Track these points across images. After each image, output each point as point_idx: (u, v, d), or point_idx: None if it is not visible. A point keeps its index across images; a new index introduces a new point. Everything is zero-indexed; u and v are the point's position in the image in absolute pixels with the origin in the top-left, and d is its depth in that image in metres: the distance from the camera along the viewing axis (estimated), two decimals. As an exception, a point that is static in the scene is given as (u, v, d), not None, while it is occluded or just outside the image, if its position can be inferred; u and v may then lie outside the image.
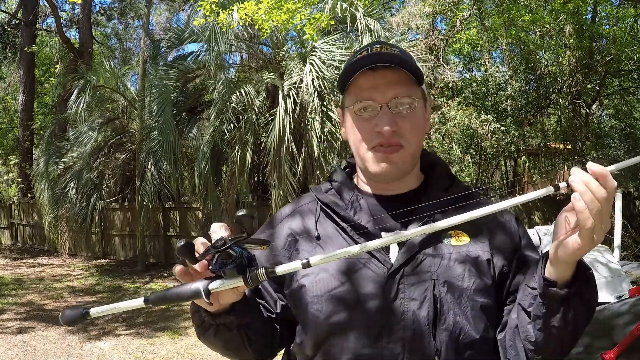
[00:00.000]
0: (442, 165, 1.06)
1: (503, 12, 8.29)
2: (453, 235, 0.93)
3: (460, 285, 0.88)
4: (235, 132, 7.82)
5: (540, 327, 0.82)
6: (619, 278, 2.25)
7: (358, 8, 6.75)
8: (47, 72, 17.40)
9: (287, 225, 1.01)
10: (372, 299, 0.88)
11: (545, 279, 0.79)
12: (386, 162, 0.93)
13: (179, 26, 10.60)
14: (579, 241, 0.73)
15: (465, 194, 0.96)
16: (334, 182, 1.04)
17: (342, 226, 0.95)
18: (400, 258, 0.90)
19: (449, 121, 7.27)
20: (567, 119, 9.13)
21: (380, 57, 0.92)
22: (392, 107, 0.92)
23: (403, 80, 0.93)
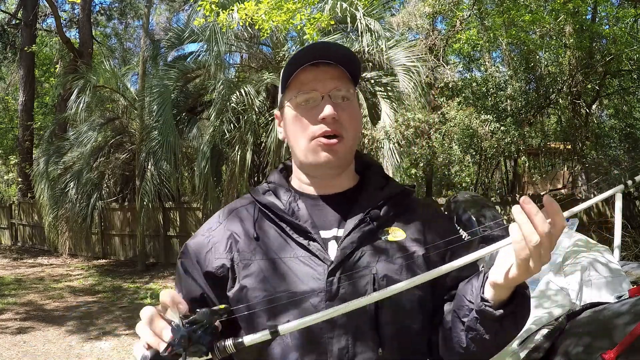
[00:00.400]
0: (377, 165, 1.10)
1: (503, 12, 8.29)
2: (389, 232, 0.97)
3: (399, 279, 0.91)
4: (235, 132, 7.82)
5: (472, 337, 0.87)
6: (619, 278, 2.25)
7: (358, 8, 6.75)
8: (47, 72, 17.40)
9: (226, 227, 1.01)
10: (314, 297, 0.90)
11: (482, 298, 0.83)
12: (328, 151, 0.96)
13: (179, 26, 10.60)
14: (515, 270, 0.76)
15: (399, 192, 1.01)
16: (271, 184, 1.05)
17: (281, 226, 0.97)
18: (340, 255, 0.92)
19: (449, 121, 7.26)
20: (567, 119, 9.13)
21: (321, 51, 0.97)
22: (333, 97, 0.96)
23: (342, 76, 0.99)
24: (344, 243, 0.93)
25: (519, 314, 0.84)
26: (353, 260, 0.92)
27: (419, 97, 7.52)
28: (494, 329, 0.84)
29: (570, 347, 1.69)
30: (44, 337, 5.29)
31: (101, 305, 6.82)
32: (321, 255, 0.93)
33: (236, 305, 0.94)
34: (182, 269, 1.02)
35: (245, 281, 0.94)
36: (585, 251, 2.41)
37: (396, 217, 0.99)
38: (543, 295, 2.14)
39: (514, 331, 0.88)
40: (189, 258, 1.01)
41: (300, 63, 0.97)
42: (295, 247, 0.94)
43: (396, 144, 7.13)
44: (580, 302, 2.11)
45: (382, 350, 0.89)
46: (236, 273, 0.95)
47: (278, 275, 0.92)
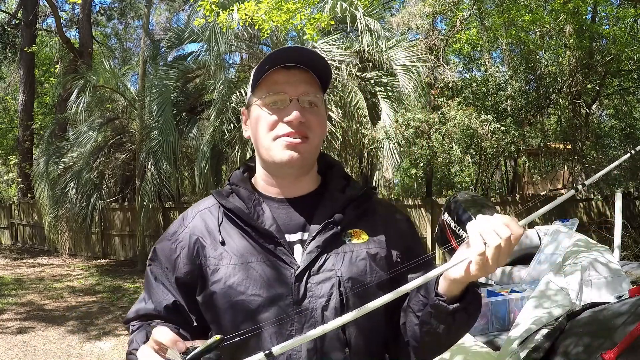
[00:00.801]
0: (338, 166, 1.11)
1: (503, 12, 8.28)
2: (353, 235, 0.98)
3: (364, 281, 0.94)
4: (235, 132, 7.82)
5: (426, 330, 0.90)
6: (619, 278, 2.25)
7: (358, 8, 6.75)
8: (47, 72, 17.40)
9: (191, 231, 1.01)
10: (281, 300, 0.91)
11: (436, 292, 0.87)
12: (293, 150, 0.96)
13: (179, 26, 10.61)
14: (474, 267, 0.79)
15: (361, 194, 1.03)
16: (234, 186, 1.05)
17: (247, 230, 0.97)
18: (306, 259, 0.94)
19: (449, 121, 7.25)
20: (567, 119, 9.12)
21: (295, 55, 0.97)
22: (301, 102, 0.97)
23: (312, 82, 1.00)
24: (309, 247, 0.94)
25: (470, 309, 0.87)
26: (319, 263, 0.94)
27: (419, 97, 7.52)
28: (447, 323, 0.87)
29: (570, 347, 1.69)
30: (44, 337, 5.29)
31: (101, 305, 6.83)
32: (287, 260, 0.94)
33: (205, 310, 0.96)
34: (152, 276, 1.02)
35: (214, 287, 0.94)
36: (585, 251, 2.41)
37: (359, 219, 1.01)
38: (543, 295, 2.14)
39: (465, 326, 0.91)
40: (159, 264, 1.01)
41: (273, 64, 0.97)
42: (261, 251, 0.95)
43: (396, 144, 7.13)
44: (580, 302, 2.11)
45: (349, 349, 0.91)
46: (205, 278, 0.96)
47: (245, 280, 0.93)
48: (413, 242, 1.05)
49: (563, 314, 1.92)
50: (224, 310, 0.92)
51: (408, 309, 0.94)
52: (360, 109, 7.68)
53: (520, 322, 2.02)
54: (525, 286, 2.51)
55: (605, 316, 1.71)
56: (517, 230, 0.77)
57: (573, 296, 2.14)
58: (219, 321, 0.94)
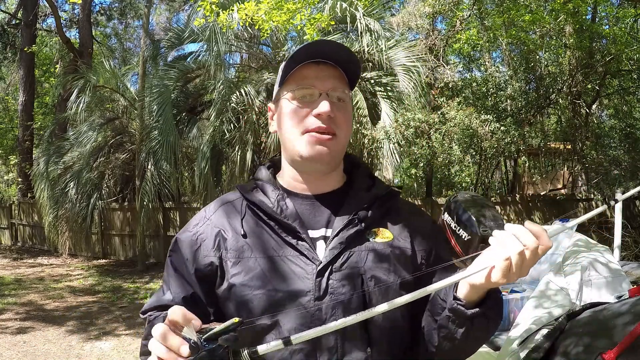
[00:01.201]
0: (364, 166, 1.11)
1: (503, 12, 8.28)
2: (377, 233, 0.98)
3: (387, 280, 0.93)
4: (235, 132, 7.82)
5: (443, 335, 0.89)
6: (619, 278, 2.25)
7: (358, 8, 6.75)
8: (47, 72, 17.40)
9: (213, 224, 1.00)
10: (303, 296, 0.90)
11: (455, 296, 0.85)
12: (321, 145, 0.96)
13: (179, 26, 10.61)
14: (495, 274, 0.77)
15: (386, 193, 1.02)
16: (259, 181, 1.04)
17: (270, 225, 0.96)
18: (328, 255, 0.92)
19: (449, 121, 7.25)
20: (567, 119, 9.12)
21: (326, 50, 0.97)
22: (330, 97, 0.97)
23: (340, 78, 1.00)
24: (332, 243, 0.93)
25: (490, 315, 0.85)
26: (341, 260, 0.92)
27: (419, 97, 7.52)
28: (465, 328, 0.85)
29: (570, 347, 1.69)
30: (44, 337, 5.29)
31: (101, 305, 6.83)
32: (310, 255, 0.92)
33: (224, 303, 0.95)
34: (172, 267, 1.01)
35: (234, 279, 0.93)
36: (585, 251, 2.41)
37: (383, 218, 1.00)
38: (543, 295, 2.15)
39: (485, 332, 0.89)
40: (179, 255, 1.00)
41: (301, 59, 0.97)
42: (283, 246, 0.94)
43: (396, 144, 7.13)
44: (580, 302, 2.11)
45: (371, 349, 0.90)
46: (225, 271, 0.95)
47: (266, 274, 0.92)
48: (437, 244, 1.03)
49: (563, 314, 1.92)
50: (243, 304, 0.91)
51: (427, 312, 0.93)
52: (360, 109, 7.68)
53: (520, 322, 2.02)
54: (525, 286, 2.51)
55: (605, 316, 1.71)
56: (546, 243, 0.76)
57: (573, 296, 2.14)
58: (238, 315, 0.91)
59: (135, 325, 5.77)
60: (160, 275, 8.97)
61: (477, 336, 0.88)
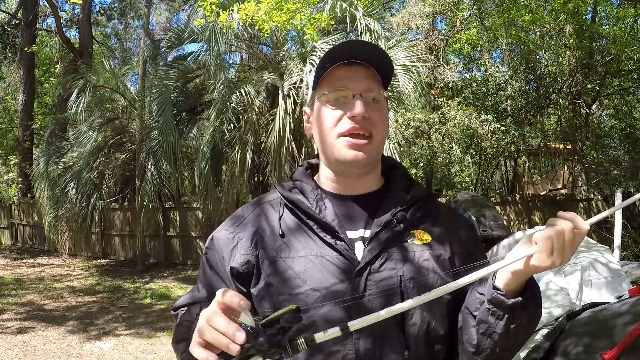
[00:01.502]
0: (402, 168, 1.10)
1: (503, 12, 8.29)
2: (415, 235, 0.97)
3: (425, 282, 0.92)
4: (235, 132, 7.82)
5: (483, 331, 0.87)
6: (619, 278, 2.25)
7: (358, 8, 6.75)
8: (47, 72, 17.40)
9: (251, 222, 1.00)
10: (340, 296, 0.89)
11: (494, 286, 0.84)
12: (357, 149, 0.95)
13: (179, 26, 10.61)
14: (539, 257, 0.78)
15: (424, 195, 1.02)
16: (297, 182, 1.04)
17: (308, 224, 0.96)
18: (367, 255, 0.92)
19: (449, 121, 7.26)
20: (567, 119, 9.13)
21: (357, 51, 0.96)
22: (364, 97, 0.96)
23: (374, 78, 0.99)
24: (371, 244, 0.93)
25: (530, 307, 0.84)
26: (380, 261, 0.92)
27: (419, 97, 7.52)
28: (506, 321, 0.84)
29: (570, 347, 1.69)
30: (44, 337, 5.29)
31: (101, 305, 6.82)
32: (348, 255, 0.92)
33: (260, 302, 0.94)
34: (207, 264, 1.00)
35: (271, 279, 0.93)
36: (585, 251, 2.41)
37: (421, 220, 0.99)
38: (543, 295, 2.14)
39: (524, 328, 0.87)
40: (215, 252, 1.00)
41: (334, 61, 0.96)
42: (322, 245, 0.94)
43: (396, 144, 7.13)
44: (580, 302, 2.11)
45: (408, 352, 0.89)
46: (261, 270, 0.94)
47: (304, 273, 0.92)
48: (475, 248, 1.02)
49: (563, 314, 1.92)
50: (280, 303, 0.90)
51: (465, 310, 0.92)
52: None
53: (520, 322, 2.02)
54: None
55: (605, 316, 1.71)
56: (582, 225, 0.78)
57: (573, 296, 2.14)
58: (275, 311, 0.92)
59: (135, 325, 5.77)
60: (160, 275, 8.97)
61: (517, 332, 0.86)
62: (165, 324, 5.82)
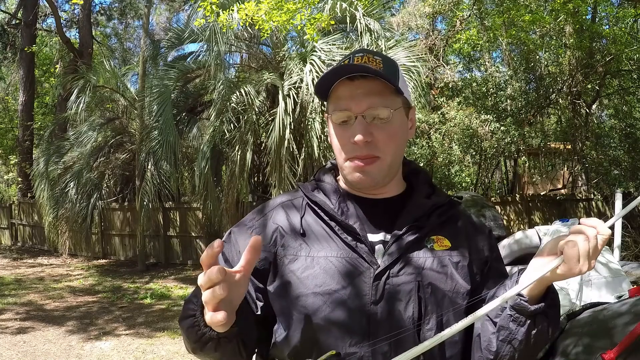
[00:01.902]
0: (424, 173, 1.09)
1: (503, 12, 8.29)
2: (435, 240, 0.97)
3: (443, 288, 0.92)
4: (235, 132, 7.82)
5: (503, 338, 0.87)
6: (619, 278, 2.25)
7: (358, 8, 6.75)
8: (47, 72, 17.39)
9: (272, 220, 1.00)
10: (359, 299, 0.89)
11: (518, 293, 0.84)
12: (361, 173, 0.95)
13: (179, 26, 10.61)
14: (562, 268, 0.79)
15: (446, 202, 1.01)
16: (320, 182, 1.04)
17: (330, 225, 0.96)
18: (387, 260, 0.92)
19: (449, 121, 7.26)
20: (567, 119, 9.13)
21: (356, 67, 0.93)
22: (367, 117, 0.93)
23: (380, 91, 0.93)
24: (391, 248, 0.93)
25: (550, 314, 0.85)
26: (399, 266, 0.92)
27: (419, 97, 7.52)
28: (527, 327, 0.84)
29: (570, 347, 1.69)
30: (44, 337, 5.29)
31: (101, 305, 6.83)
32: (368, 258, 0.92)
33: (275, 299, 0.94)
34: (222, 258, 1.00)
35: (289, 277, 0.93)
36: (585, 251, 2.40)
37: (442, 226, 0.99)
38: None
39: (544, 335, 0.87)
40: (232, 247, 1.00)
41: (336, 76, 0.94)
42: (342, 246, 0.93)
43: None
44: (580, 302, 2.11)
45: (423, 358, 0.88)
46: (278, 268, 0.94)
47: (323, 273, 0.91)
48: (493, 256, 1.02)
49: (563, 314, 1.92)
50: (296, 302, 0.90)
51: (484, 316, 0.88)
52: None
53: (520, 322, 2.02)
54: (525, 286, 2.51)
55: (605, 316, 1.71)
56: (604, 230, 0.78)
57: (573, 296, 2.14)
58: (289, 312, 0.92)
59: (135, 325, 5.77)
60: (160, 275, 8.97)
61: (537, 338, 0.86)
62: (165, 324, 5.82)
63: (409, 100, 1.01)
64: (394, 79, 0.94)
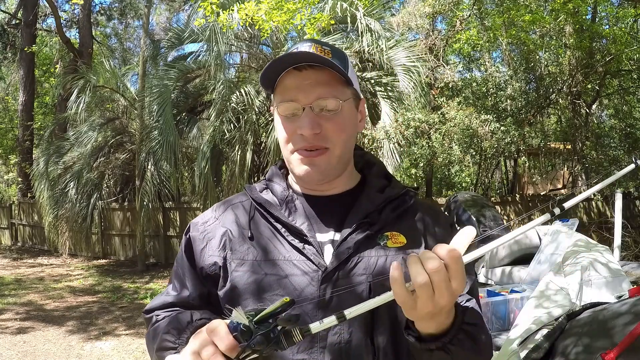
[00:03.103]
0: (379, 165, 1.04)
1: (503, 12, 8.29)
2: (389, 237, 0.91)
3: None
4: (235, 132, 7.82)
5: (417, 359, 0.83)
6: (619, 278, 2.25)
7: (358, 8, 6.74)
8: (47, 72, 17.39)
9: (221, 223, 0.97)
10: (306, 305, 0.85)
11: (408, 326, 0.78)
12: (309, 165, 0.91)
13: (179, 26, 10.61)
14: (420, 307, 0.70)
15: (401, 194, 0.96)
16: (269, 182, 1.02)
17: (276, 227, 0.92)
18: (335, 260, 0.88)
19: (449, 121, 7.26)
20: (567, 119, 9.13)
21: (304, 56, 0.89)
22: (315, 109, 0.89)
23: (329, 81, 0.90)
24: (340, 248, 0.88)
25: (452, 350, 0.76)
26: (349, 266, 0.88)
27: (419, 97, 7.52)
28: (440, 355, 0.77)
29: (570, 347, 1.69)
30: (44, 337, 5.29)
31: (101, 305, 6.83)
32: (316, 260, 0.88)
33: (225, 304, 0.91)
34: (178, 265, 0.99)
35: (237, 281, 0.90)
36: (585, 251, 2.41)
37: (397, 220, 0.94)
38: (543, 295, 2.15)
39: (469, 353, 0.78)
40: (187, 253, 0.99)
41: (282, 66, 0.89)
42: (289, 249, 0.90)
43: (396, 144, 7.13)
44: (580, 302, 2.11)
45: None
46: (228, 272, 0.91)
47: (270, 277, 0.88)
48: None
49: (563, 314, 1.92)
50: (245, 307, 0.86)
51: None
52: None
53: (520, 322, 2.02)
54: (525, 286, 2.51)
55: (605, 316, 1.71)
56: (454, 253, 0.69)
57: (573, 296, 2.14)
58: None
59: (135, 326, 5.77)
60: (160, 275, 8.97)
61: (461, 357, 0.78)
62: (165, 324, 5.82)
63: (358, 92, 0.98)
64: (343, 69, 0.90)
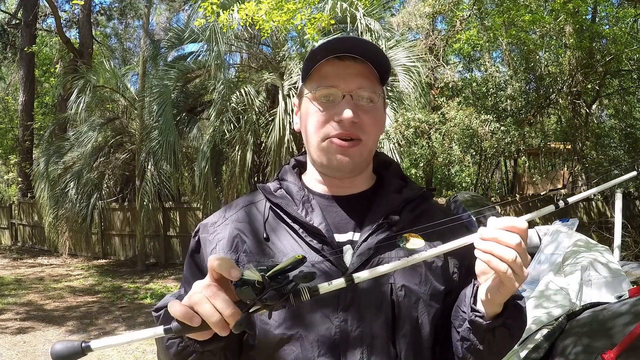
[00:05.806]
0: (395, 165, 1.03)
1: (503, 12, 8.29)
2: (408, 239, 0.91)
3: (418, 290, 0.87)
4: (235, 132, 7.82)
5: (467, 347, 0.85)
6: (619, 278, 2.25)
7: (358, 8, 6.75)
8: (47, 72, 17.39)
9: (233, 225, 0.94)
10: (326, 306, 0.84)
11: (472, 308, 0.82)
12: (343, 154, 0.89)
13: (179, 26, 10.59)
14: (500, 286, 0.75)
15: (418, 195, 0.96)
16: (284, 182, 0.98)
17: (294, 227, 0.90)
18: (356, 261, 0.86)
19: (449, 121, 7.26)
20: (567, 119, 9.14)
21: (349, 45, 0.88)
22: (354, 98, 0.89)
23: (368, 74, 0.91)
24: (360, 249, 0.87)
25: (511, 325, 0.82)
26: (370, 267, 0.85)
27: (419, 97, 7.52)
28: (487, 340, 0.81)
29: (570, 347, 1.69)
30: (44, 337, 5.29)
31: (101, 305, 6.82)
32: (335, 261, 0.86)
33: None
34: (187, 266, 0.97)
35: None
36: (585, 251, 2.41)
37: (414, 222, 0.93)
38: (543, 295, 2.15)
39: (508, 343, 0.85)
40: (196, 254, 0.96)
41: (325, 54, 0.89)
42: (308, 250, 0.88)
43: (396, 144, 7.13)
44: (580, 302, 2.11)
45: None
46: None
47: None
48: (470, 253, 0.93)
49: (563, 314, 1.92)
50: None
51: (451, 323, 0.88)
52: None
53: (520, 322, 2.02)
54: (525, 286, 2.51)
55: (605, 316, 1.71)
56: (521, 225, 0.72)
57: (573, 296, 2.14)
58: (252, 323, 0.86)
59: (135, 326, 5.77)
60: (160, 275, 8.97)
61: (500, 346, 0.84)
62: (165, 324, 5.82)
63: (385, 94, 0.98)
64: (386, 67, 0.91)
